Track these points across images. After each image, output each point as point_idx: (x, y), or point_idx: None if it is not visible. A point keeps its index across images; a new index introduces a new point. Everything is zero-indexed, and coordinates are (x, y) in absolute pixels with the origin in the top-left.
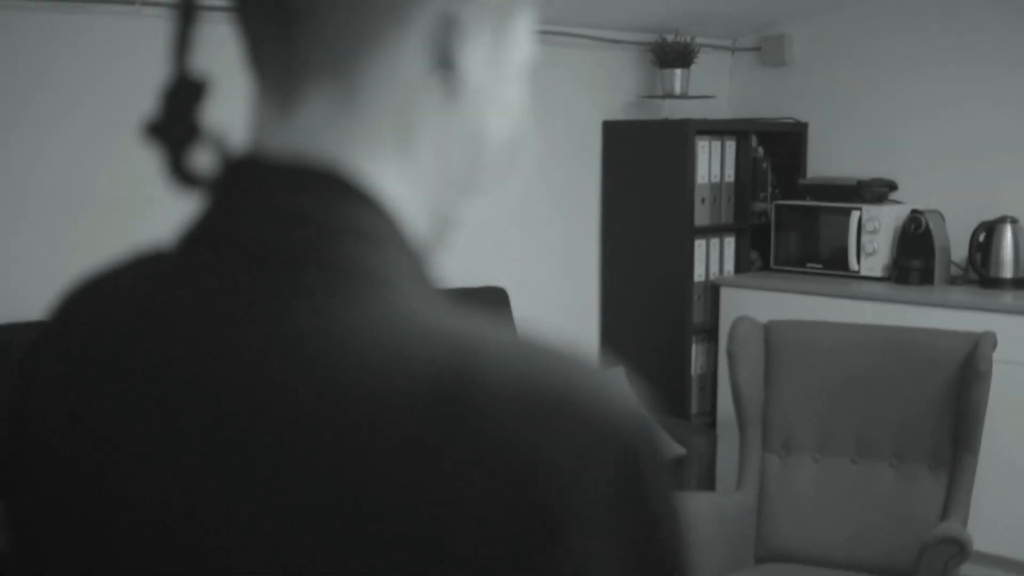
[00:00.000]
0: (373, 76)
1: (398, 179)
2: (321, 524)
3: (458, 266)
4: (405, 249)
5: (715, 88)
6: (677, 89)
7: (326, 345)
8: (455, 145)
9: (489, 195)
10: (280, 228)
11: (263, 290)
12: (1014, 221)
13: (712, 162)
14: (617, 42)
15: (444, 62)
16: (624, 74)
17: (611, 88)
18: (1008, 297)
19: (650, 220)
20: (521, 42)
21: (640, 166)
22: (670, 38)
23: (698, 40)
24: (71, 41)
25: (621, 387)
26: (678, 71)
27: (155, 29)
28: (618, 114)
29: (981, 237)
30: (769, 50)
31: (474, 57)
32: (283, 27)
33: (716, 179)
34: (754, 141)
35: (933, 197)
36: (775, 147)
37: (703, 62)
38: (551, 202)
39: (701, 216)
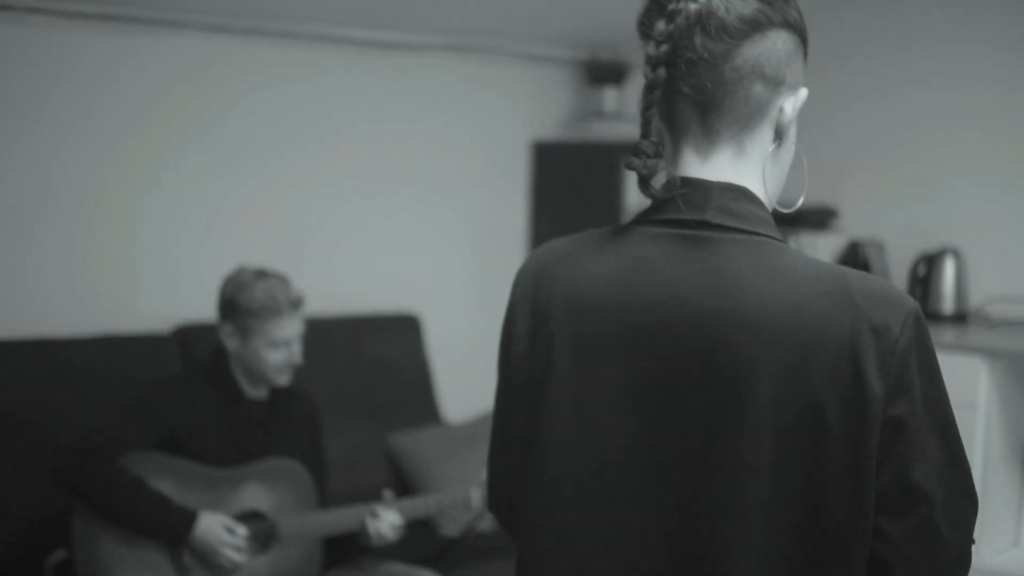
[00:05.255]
0: (751, 141)
1: (761, 191)
2: (788, 358)
3: (367, 290)
4: (776, 227)
5: None
6: (609, 108)
7: (769, 268)
8: (781, 172)
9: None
10: (725, 214)
11: (728, 246)
12: (956, 253)
13: None
14: (548, 59)
15: (779, 132)
16: (556, 93)
17: (541, 107)
18: (948, 334)
19: None
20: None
21: (569, 188)
22: (603, 55)
23: (634, 58)
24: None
25: None
26: (610, 90)
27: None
28: (549, 134)
29: (922, 270)
30: None
31: (791, 127)
32: (703, 116)
33: (648, 202)
34: None
35: (875, 225)
36: None
37: (640, 82)
38: (472, 226)
39: None
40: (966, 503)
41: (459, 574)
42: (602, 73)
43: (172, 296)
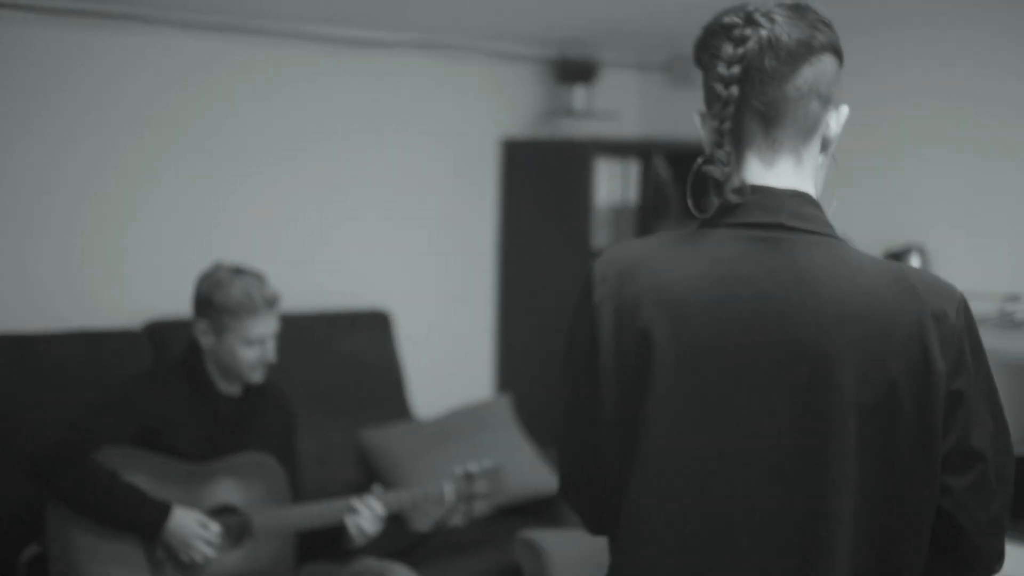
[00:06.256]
0: (807, 152)
1: (813, 193)
2: (865, 343)
3: (338, 287)
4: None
5: (623, 106)
6: (578, 106)
7: (840, 263)
8: (822, 179)
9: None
10: (797, 217)
11: (803, 245)
12: (921, 250)
13: (614, 183)
14: (517, 56)
15: (826, 145)
16: (525, 90)
17: (511, 105)
18: None
19: (548, 242)
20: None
21: (539, 186)
22: (572, 53)
23: (605, 57)
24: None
25: None
26: (580, 88)
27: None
28: (518, 132)
29: None
30: (678, 68)
31: (835, 139)
32: (767, 128)
33: (618, 201)
34: (660, 162)
35: (840, 222)
36: (683, 169)
37: (610, 79)
38: (442, 222)
39: (600, 239)
40: (1010, 460)
41: (430, 569)
42: (572, 71)
43: (143, 292)
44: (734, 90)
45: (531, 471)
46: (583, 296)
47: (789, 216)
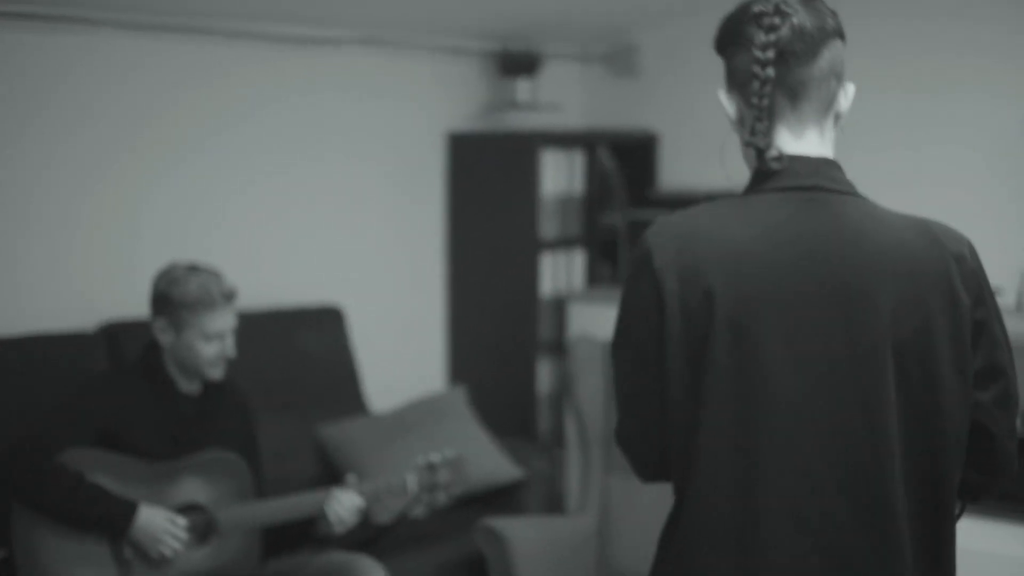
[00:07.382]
0: (827, 125)
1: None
2: (903, 284)
3: (289, 283)
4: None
5: (566, 98)
6: (522, 99)
7: (872, 218)
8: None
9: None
10: (830, 180)
11: (840, 204)
12: None
13: (559, 174)
14: (460, 51)
15: (837, 118)
16: (469, 84)
17: (455, 99)
18: None
19: (496, 234)
20: None
21: (486, 179)
22: (515, 46)
23: (547, 49)
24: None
25: None
26: (523, 81)
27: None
28: (463, 125)
29: None
30: (619, 60)
31: (844, 113)
32: (795, 104)
33: (564, 191)
34: (604, 152)
35: None
36: (626, 158)
37: (553, 72)
38: (390, 217)
39: (548, 229)
40: (1016, 376)
41: (395, 560)
42: (514, 64)
43: (97, 294)
44: (770, 71)
45: (490, 461)
46: (642, 264)
47: (824, 179)
